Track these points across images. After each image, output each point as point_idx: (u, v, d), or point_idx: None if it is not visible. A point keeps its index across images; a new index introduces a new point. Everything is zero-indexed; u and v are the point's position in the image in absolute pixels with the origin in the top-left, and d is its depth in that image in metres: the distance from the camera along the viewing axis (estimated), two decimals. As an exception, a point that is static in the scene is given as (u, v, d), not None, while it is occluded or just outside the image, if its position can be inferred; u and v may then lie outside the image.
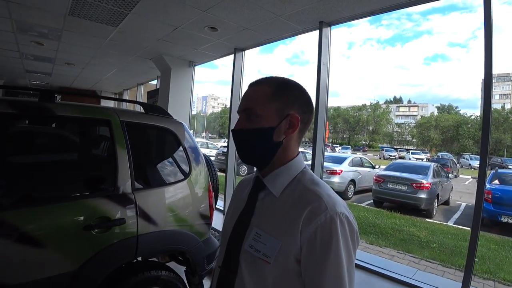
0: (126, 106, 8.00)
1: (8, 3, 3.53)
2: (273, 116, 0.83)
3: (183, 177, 2.20)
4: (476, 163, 23.25)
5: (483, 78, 2.57)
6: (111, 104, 9.91)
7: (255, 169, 0.93)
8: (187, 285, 2.13)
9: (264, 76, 0.89)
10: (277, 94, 0.84)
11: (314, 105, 0.93)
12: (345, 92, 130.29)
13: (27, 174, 1.81)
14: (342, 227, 0.73)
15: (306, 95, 0.89)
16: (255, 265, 0.78)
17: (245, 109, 0.85)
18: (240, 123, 0.86)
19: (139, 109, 2.40)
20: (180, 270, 2.21)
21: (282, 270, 0.76)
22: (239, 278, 0.81)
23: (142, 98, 8.67)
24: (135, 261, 1.98)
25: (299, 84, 0.89)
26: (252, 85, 0.88)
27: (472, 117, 47.16)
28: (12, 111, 1.66)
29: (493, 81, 2.65)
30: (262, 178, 0.88)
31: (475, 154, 30.20)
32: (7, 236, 1.48)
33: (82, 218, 1.68)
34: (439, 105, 62.96)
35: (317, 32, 3.59)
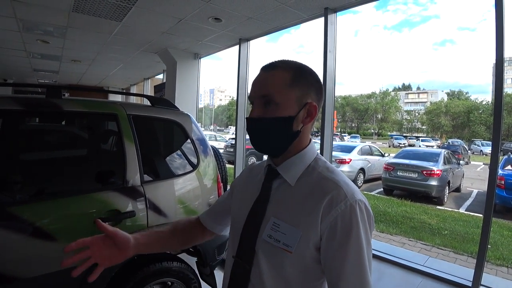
0: (134, 101, 8.05)
1: (12, 1, 3.55)
2: (293, 105, 0.78)
3: (192, 169, 2.20)
4: (487, 149, 22.86)
5: (495, 61, 2.49)
6: (118, 98, 10.00)
7: (264, 157, 0.90)
8: (199, 276, 2.15)
9: (276, 60, 0.83)
10: (297, 80, 0.79)
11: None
12: (352, 81, 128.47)
13: (36, 170, 1.83)
14: (361, 214, 0.74)
15: (320, 81, 0.85)
16: (275, 255, 0.77)
17: (263, 96, 0.79)
18: (257, 111, 0.79)
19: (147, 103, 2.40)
20: (191, 261, 2.24)
21: (302, 258, 0.75)
22: (255, 268, 0.80)
23: (149, 92, 8.69)
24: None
25: (313, 70, 0.85)
26: (266, 69, 0.82)
27: (484, 103, 46.08)
28: (21, 108, 1.68)
29: (505, 64, 2.57)
30: (275, 167, 0.85)
31: (487, 140, 29.61)
32: (21, 230, 1.51)
33: (92, 211, 1.70)
34: (449, 91, 61.52)
35: (322, 20, 3.53)
